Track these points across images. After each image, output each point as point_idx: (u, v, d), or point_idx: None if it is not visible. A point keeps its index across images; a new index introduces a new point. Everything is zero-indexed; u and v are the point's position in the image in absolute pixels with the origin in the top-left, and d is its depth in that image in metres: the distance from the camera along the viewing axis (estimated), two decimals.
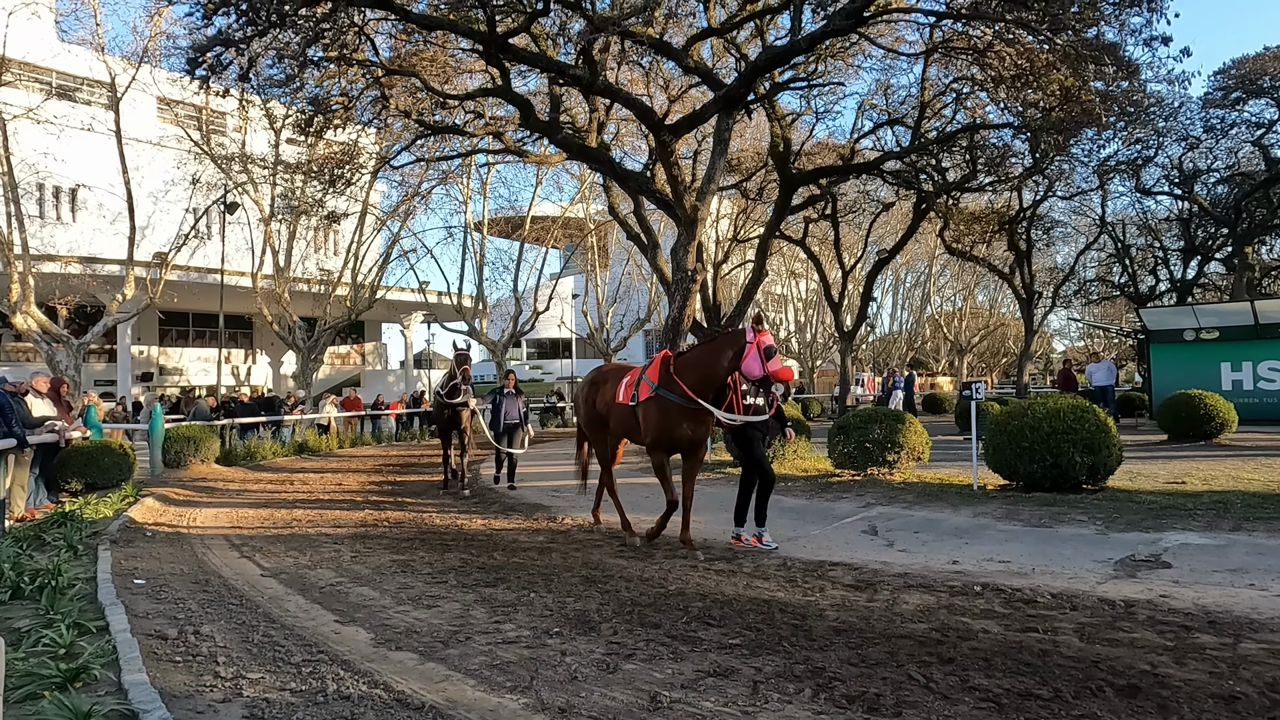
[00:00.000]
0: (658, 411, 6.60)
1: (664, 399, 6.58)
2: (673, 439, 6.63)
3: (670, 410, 6.54)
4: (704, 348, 6.75)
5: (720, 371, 6.42)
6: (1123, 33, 13.03)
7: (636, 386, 6.78)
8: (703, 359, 6.59)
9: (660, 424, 6.61)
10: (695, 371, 6.52)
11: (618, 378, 7.24)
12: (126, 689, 3.39)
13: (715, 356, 6.49)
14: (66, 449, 10.24)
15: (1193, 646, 3.88)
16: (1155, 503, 7.51)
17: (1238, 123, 27.45)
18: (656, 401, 6.62)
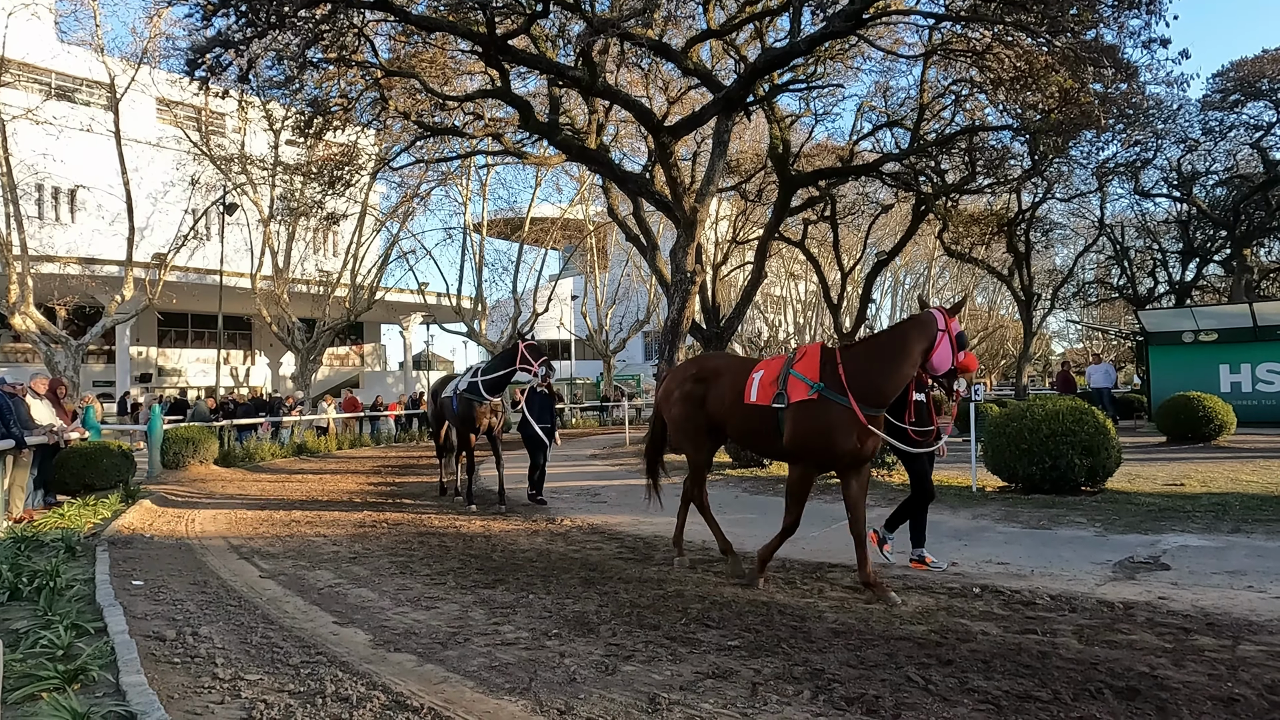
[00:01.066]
0: (824, 418, 5.24)
1: (832, 403, 5.24)
2: (835, 453, 5.28)
3: (841, 418, 5.19)
4: (884, 338, 5.49)
5: (909, 369, 5.29)
6: (1121, 35, 13.04)
7: (782, 384, 5.45)
8: (885, 353, 5.33)
9: (825, 433, 5.24)
10: (876, 370, 5.26)
11: (740, 372, 5.89)
12: (125, 690, 3.39)
13: (903, 350, 5.27)
14: (65, 450, 10.23)
15: (1191, 648, 3.89)
16: (1154, 505, 7.51)
17: (1236, 125, 27.48)
18: (820, 405, 5.27)
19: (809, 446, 5.35)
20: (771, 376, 5.61)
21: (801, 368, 5.48)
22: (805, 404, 5.33)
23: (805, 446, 5.37)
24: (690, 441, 6.33)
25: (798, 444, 5.38)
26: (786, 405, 5.40)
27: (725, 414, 5.94)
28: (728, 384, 5.94)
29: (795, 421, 5.37)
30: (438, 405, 11.04)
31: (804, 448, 5.38)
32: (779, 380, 5.52)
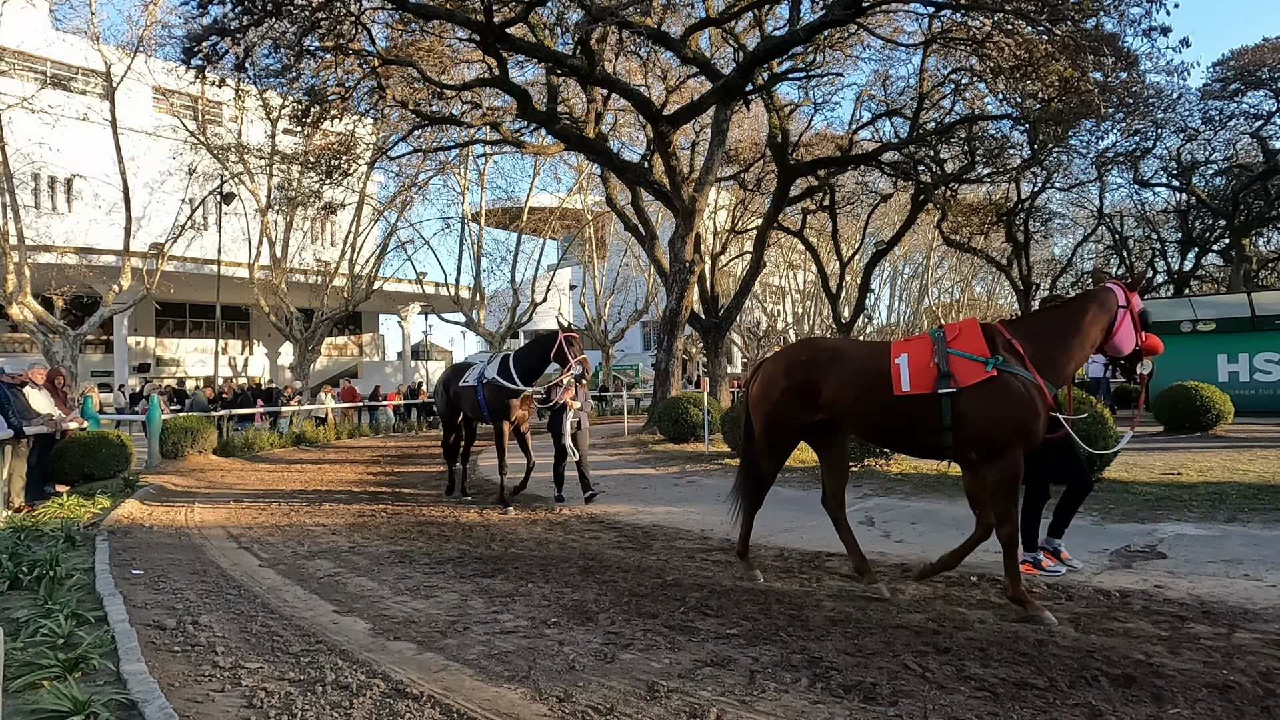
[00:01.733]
0: (1015, 395, 4.48)
1: (1019, 379, 4.51)
2: (1032, 436, 4.55)
3: (1034, 394, 4.50)
4: (1057, 315, 4.82)
5: (1087, 349, 4.71)
6: (1122, 23, 13.02)
7: (943, 366, 4.64)
8: (1061, 331, 4.70)
9: (1021, 412, 4.48)
10: (1053, 347, 4.64)
11: (871, 358, 5.01)
12: (125, 678, 3.40)
13: (1080, 328, 4.67)
14: (63, 440, 10.23)
15: (1187, 636, 3.91)
16: (1151, 494, 7.54)
17: (1236, 114, 27.44)
18: (1006, 383, 4.50)
19: (1004, 431, 4.50)
20: (923, 360, 4.75)
21: (963, 345, 4.71)
22: (987, 384, 4.53)
23: (1000, 431, 4.50)
24: (778, 445, 5.39)
25: (988, 431, 4.53)
26: (958, 390, 4.58)
27: (854, 407, 4.96)
28: (855, 372, 4.97)
29: (979, 406, 4.54)
30: (450, 395, 9.87)
31: (999, 433, 4.51)
32: (936, 362, 4.69)
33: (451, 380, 10.00)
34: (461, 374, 9.78)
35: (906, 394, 4.72)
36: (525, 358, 8.99)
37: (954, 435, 4.64)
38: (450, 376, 10.20)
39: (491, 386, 9.01)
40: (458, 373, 9.99)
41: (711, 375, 20.13)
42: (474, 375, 9.33)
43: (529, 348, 9.16)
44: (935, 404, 4.65)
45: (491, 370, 9.09)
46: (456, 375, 9.94)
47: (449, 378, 10.20)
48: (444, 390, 10.21)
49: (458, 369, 10.23)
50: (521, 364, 8.92)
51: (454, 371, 10.26)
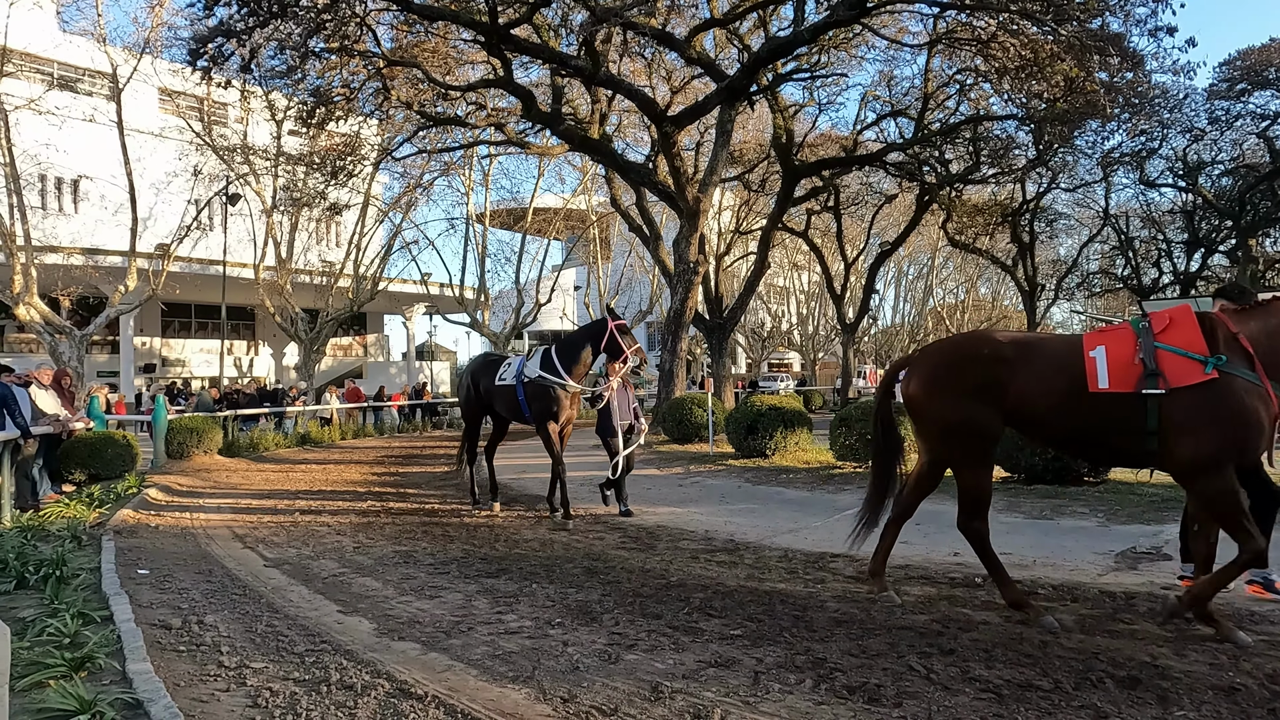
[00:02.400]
0: (1238, 403, 3.90)
1: (1243, 382, 3.93)
2: (1253, 450, 4.06)
3: (1262, 402, 3.92)
4: None
5: None
6: (1127, 23, 13.00)
7: (1150, 362, 4.02)
8: None
9: (1244, 424, 3.91)
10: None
11: (1062, 351, 4.36)
12: (131, 678, 3.41)
13: None
14: (69, 440, 10.27)
15: (1193, 638, 3.89)
16: (1157, 495, 7.51)
17: (1243, 114, 27.34)
18: (1229, 387, 3.92)
19: (1218, 444, 3.90)
20: (1126, 354, 4.11)
21: (1174, 338, 4.06)
22: (1204, 387, 3.91)
23: (1213, 444, 3.90)
24: (976, 455, 4.52)
25: (1199, 444, 3.91)
26: (1167, 391, 3.96)
27: (1048, 409, 4.27)
28: (1048, 367, 4.29)
29: (1192, 413, 3.93)
30: (480, 392, 8.78)
31: (1212, 447, 3.90)
32: (1142, 358, 4.07)
33: (482, 375, 8.78)
34: (494, 369, 8.64)
35: (1103, 392, 4.10)
36: (570, 349, 8.02)
37: (1159, 443, 4.02)
38: (480, 370, 8.91)
39: (535, 385, 7.99)
40: (489, 367, 8.78)
41: (716, 376, 20.13)
42: (512, 372, 8.27)
43: (575, 338, 8.22)
44: (1138, 405, 4.04)
45: (534, 366, 8.04)
46: (488, 370, 8.72)
47: (478, 371, 8.97)
48: (471, 386, 8.98)
49: (489, 363, 8.97)
50: (567, 357, 7.93)
51: (485, 365, 8.94)
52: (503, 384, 8.39)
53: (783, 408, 12.37)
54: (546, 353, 8.16)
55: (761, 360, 45.14)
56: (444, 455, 15.80)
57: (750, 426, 12.11)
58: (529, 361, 8.23)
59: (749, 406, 12.77)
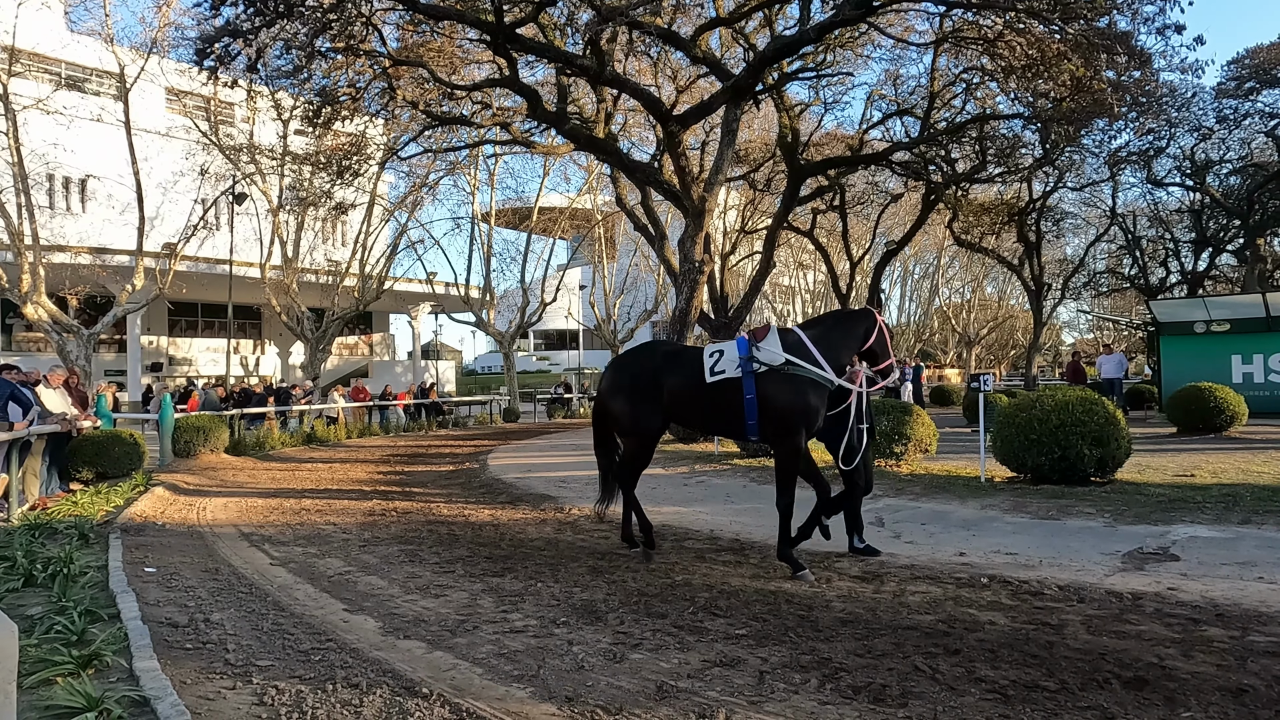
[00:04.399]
0: None
1: None
2: None
3: None
4: None
5: None
6: (1135, 21, 12.93)
7: None
8: None
9: None
10: None
11: None
12: (138, 675, 3.43)
13: None
14: (77, 439, 10.31)
15: (1200, 639, 3.88)
16: (1164, 495, 7.49)
17: (1251, 113, 27.21)
18: None
19: None
20: None
21: None
22: None
23: None
24: None
25: None
26: None
27: None
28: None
29: None
30: (669, 395, 6.05)
31: None
32: None
33: (670, 370, 6.09)
34: (690, 361, 6.07)
35: None
36: (831, 334, 5.91)
37: None
38: (666, 364, 6.15)
39: (784, 378, 5.62)
40: (679, 359, 6.18)
41: None
42: (732, 363, 5.77)
43: (832, 324, 6.09)
44: None
45: (773, 349, 5.68)
46: (679, 363, 6.12)
47: (661, 366, 6.16)
48: (644, 383, 6.16)
49: (674, 353, 6.36)
50: (826, 343, 5.80)
51: (670, 357, 6.24)
52: (719, 379, 5.78)
53: None
54: (791, 338, 5.78)
55: None
56: (449, 454, 15.83)
57: None
58: (764, 345, 5.73)
59: None
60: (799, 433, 5.55)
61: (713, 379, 5.80)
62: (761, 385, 5.61)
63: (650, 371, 6.15)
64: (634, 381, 6.20)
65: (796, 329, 5.91)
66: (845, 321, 6.11)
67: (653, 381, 6.09)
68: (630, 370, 6.32)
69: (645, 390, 6.11)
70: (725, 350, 5.88)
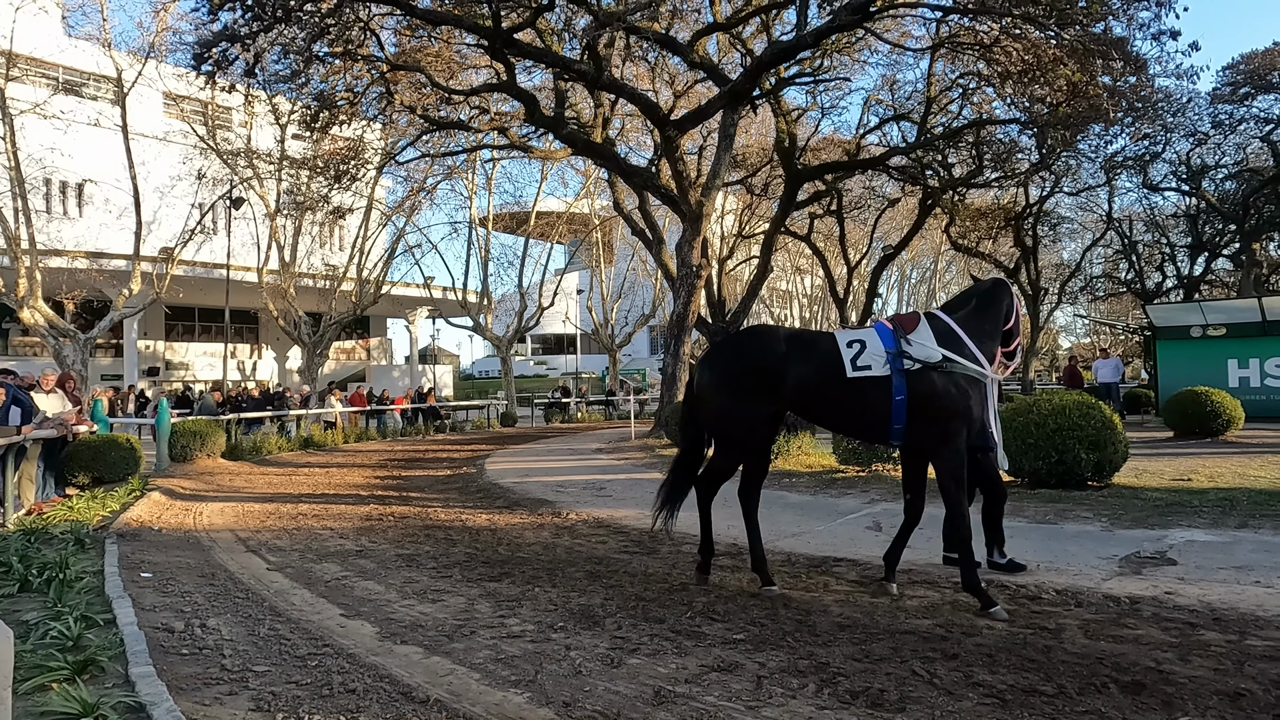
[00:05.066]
0: None
1: None
2: None
3: None
4: None
5: None
6: (1131, 27, 13.00)
7: None
8: None
9: None
10: None
11: None
12: (134, 681, 3.42)
13: None
14: (73, 443, 10.29)
15: (1198, 643, 3.88)
16: (1161, 500, 7.49)
17: (1246, 118, 27.32)
18: None
19: None
20: None
21: None
22: None
23: None
24: None
25: None
26: None
27: None
28: None
29: None
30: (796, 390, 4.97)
31: None
32: None
33: (799, 359, 4.96)
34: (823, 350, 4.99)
35: None
36: (980, 326, 5.11)
37: None
38: (794, 353, 4.98)
39: (947, 378, 4.84)
40: (811, 349, 5.02)
41: None
42: (878, 357, 4.86)
43: (978, 307, 5.21)
44: None
45: (925, 342, 4.88)
46: (809, 352, 4.99)
47: (788, 354, 4.97)
48: (762, 374, 4.99)
49: (805, 342, 5.09)
50: (978, 332, 5.06)
51: (800, 347, 5.03)
52: (861, 375, 4.86)
53: None
54: (937, 322, 5.03)
55: None
56: (447, 459, 15.82)
57: None
58: (916, 338, 4.89)
59: None
60: (960, 438, 4.85)
61: (855, 374, 4.90)
62: (914, 384, 4.82)
63: (771, 360, 4.98)
64: (749, 372, 5.02)
65: (943, 315, 5.11)
66: (989, 302, 5.28)
67: (774, 372, 4.96)
68: (745, 357, 5.13)
69: (763, 383, 4.98)
70: (867, 341, 4.97)
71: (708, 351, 5.61)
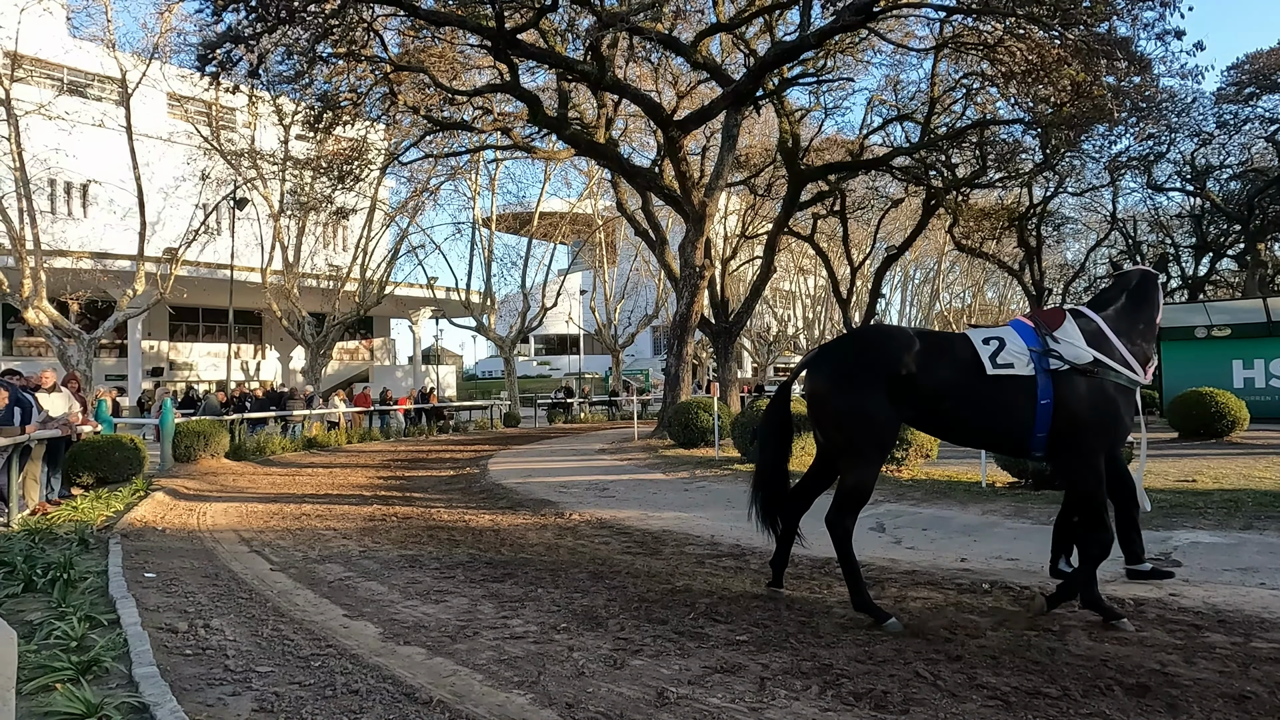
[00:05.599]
0: None
1: None
2: None
3: None
4: None
5: None
6: (1135, 27, 12.98)
7: None
8: None
9: None
10: None
11: None
12: (138, 681, 3.42)
13: None
14: (78, 444, 10.31)
15: (1202, 645, 3.87)
16: (1165, 501, 7.47)
17: (1251, 118, 27.27)
18: None
19: None
20: None
21: None
22: None
23: None
24: None
25: None
26: None
27: None
28: None
29: None
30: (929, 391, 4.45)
31: None
32: None
33: (934, 359, 4.48)
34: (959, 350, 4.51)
35: None
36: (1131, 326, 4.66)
37: None
38: (927, 352, 4.49)
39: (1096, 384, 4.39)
40: (936, 346, 4.58)
41: (722, 380, 20.11)
42: (1019, 355, 4.41)
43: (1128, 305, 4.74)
44: None
45: (1072, 341, 4.43)
46: (936, 349, 4.54)
47: (914, 351, 4.47)
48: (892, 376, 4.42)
49: (931, 338, 4.67)
50: (1130, 331, 4.63)
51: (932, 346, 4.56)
52: (1002, 373, 4.38)
53: None
54: (1083, 319, 4.59)
55: (767, 365, 45.11)
56: (450, 459, 15.83)
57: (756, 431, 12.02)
58: (1064, 336, 4.45)
59: (755, 411, 12.74)
60: (1100, 457, 4.39)
61: (996, 371, 4.39)
62: (1060, 388, 4.33)
63: (901, 360, 4.43)
64: (877, 373, 4.42)
65: (1089, 312, 4.65)
66: (1140, 299, 4.77)
67: (906, 374, 4.41)
68: (870, 356, 4.51)
69: (893, 386, 4.41)
70: (1006, 338, 4.49)
71: (827, 350, 4.90)
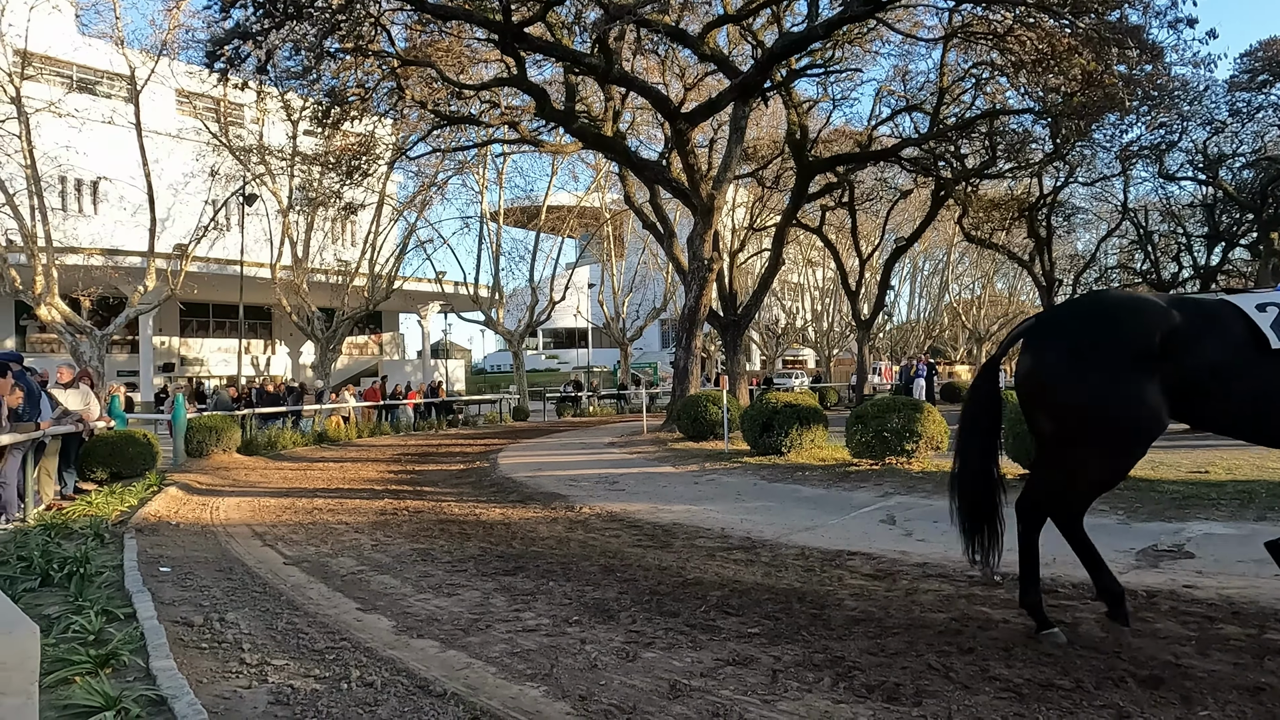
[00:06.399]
0: None
1: None
2: None
3: None
4: None
5: None
6: (1147, 15, 12.88)
7: None
8: None
9: None
10: None
11: None
12: (155, 675, 3.46)
13: None
14: (91, 439, 10.38)
15: (1216, 637, 3.85)
16: (1178, 492, 7.43)
17: (1264, 106, 26.97)
18: None
19: None
20: None
21: None
22: None
23: None
24: None
25: None
26: None
27: None
28: None
29: None
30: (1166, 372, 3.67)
31: None
32: None
33: (1189, 332, 3.70)
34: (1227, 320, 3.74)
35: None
36: None
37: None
38: (1178, 322, 3.71)
39: None
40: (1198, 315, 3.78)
41: (730, 373, 20.10)
42: None
43: None
44: None
45: None
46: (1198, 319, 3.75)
47: (1171, 323, 3.70)
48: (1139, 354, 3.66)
49: (1189, 306, 3.87)
50: None
51: (1182, 310, 3.80)
52: None
53: (798, 405, 12.32)
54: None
55: (776, 357, 45.06)
56: (460, 453, 15.89)
57: (765, 424, 12.04)
58: None
59: (764, 404, 12.73)
60: None
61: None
62: None
63: (1152, 333, 3.64)
64: (1120, 350, 3.65)
65: None
66: None
67: (1157, 351, 3.63)
68: (1109, 329, 3.73)
69: (1138, 366, 3.62)
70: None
71: (1049, 322, 4.09)
